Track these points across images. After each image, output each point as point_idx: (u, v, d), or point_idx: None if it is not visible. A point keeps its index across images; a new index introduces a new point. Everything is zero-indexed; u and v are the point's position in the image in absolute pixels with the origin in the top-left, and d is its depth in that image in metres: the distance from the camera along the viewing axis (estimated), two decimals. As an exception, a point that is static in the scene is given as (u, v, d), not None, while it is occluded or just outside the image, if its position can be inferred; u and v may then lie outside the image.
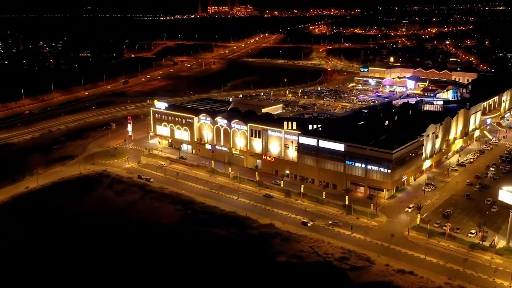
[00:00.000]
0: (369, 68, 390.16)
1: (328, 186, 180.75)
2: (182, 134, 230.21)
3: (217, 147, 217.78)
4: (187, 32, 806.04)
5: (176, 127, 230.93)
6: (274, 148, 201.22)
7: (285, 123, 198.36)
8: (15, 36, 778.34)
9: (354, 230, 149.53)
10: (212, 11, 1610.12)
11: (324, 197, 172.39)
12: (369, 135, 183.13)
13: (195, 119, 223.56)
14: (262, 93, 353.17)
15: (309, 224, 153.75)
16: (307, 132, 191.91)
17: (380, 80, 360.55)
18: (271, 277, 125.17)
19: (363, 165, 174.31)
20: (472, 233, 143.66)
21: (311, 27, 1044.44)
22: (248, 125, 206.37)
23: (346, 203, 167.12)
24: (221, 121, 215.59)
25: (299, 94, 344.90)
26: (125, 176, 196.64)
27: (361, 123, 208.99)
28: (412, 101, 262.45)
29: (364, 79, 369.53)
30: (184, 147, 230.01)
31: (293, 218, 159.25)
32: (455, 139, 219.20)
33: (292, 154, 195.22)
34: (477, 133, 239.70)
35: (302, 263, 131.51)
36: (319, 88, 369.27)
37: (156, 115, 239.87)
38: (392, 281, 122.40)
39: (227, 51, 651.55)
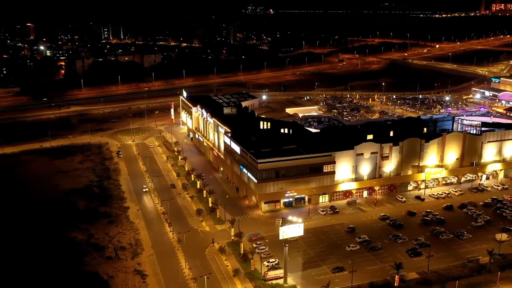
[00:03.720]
0: (501, 78, 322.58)
1: (238, 190, 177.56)
2: (189, 122, 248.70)
3: (197, 136, 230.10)
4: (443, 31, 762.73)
5: (188, 116, 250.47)
6: (222, 145, 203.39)
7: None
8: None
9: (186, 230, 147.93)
10: (497, 8, 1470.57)
11: (210, 200, 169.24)
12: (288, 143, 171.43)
13: (193, 109, 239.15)
14: (348, 95, 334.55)
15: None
16: (233, 133, 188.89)
17: (497, 94, 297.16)
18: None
19: (246, 172, 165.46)
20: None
21: None
22: (213, 119, 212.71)
23: (209, 205, 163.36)
24: (204, 113, 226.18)
25: (384, 100, 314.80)
26: (114, 151, 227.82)
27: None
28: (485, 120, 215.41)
29: (481, 90, 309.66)
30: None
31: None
32: (440, 166, 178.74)
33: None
34: (494, 167, 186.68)
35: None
36: (427, 96, 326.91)
37: (182, 103, 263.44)
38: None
39: (424, 51, 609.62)
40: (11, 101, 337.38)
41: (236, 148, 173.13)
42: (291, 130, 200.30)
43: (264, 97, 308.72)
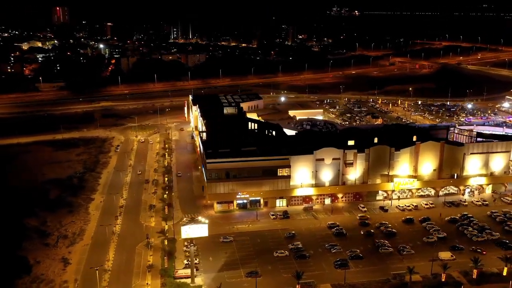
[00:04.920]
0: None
1: (203, 188, 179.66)
2: (192, 121, 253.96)
3: (194, 134, 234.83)
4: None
5: (193, 114, 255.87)
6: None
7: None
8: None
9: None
10: None
11: (166, 197, 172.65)
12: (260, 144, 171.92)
13: (193, 108, 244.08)
14: (372, 100, 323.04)
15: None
16: (209, 132, 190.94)
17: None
18: None
19: (203, 171, 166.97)
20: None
21: None
22: (200, 118, 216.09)
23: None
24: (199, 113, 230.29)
25: (406, 106, 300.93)
26: (115, 145, 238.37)
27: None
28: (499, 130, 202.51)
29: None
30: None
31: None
32: (414, 177, 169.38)
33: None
34: (477, 181, 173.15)
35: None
36: (458, 103, 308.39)
37: (189, 103, 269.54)
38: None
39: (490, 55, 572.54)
40: (52, 95, 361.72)
41: (201, 147, 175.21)
42: (274, 132, 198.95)
43: (282, 98, 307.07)
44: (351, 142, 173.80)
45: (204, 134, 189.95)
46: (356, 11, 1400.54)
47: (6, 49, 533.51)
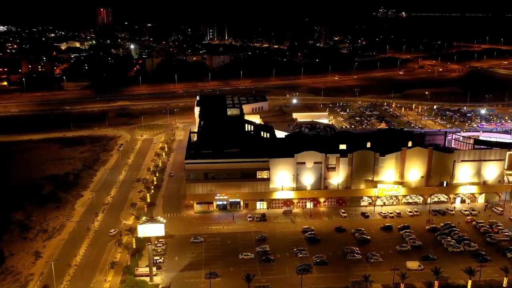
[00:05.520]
0: None
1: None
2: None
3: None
4: None
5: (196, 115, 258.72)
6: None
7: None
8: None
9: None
10: None
11: (148, 196, 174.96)
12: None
13: (195, 109, 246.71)
14: (385, 103, 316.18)
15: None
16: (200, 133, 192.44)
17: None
18: None
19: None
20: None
21: None
22: (198, 118, 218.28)
23: (148, 200, 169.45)
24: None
25: (420, 110, 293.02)
26: (119, 144, 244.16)
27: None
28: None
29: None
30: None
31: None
32: (400, 183, 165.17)
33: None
34: (468, 189, 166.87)
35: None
36: (477, 108, 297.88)
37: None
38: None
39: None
40: (75, 94, 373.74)
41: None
42: (267, 134, 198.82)
43: (294, 100, 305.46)
44: (342, 146, 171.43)
45: (195, 134, 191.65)
46: (403, 13, 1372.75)
47: (45, 49, 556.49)
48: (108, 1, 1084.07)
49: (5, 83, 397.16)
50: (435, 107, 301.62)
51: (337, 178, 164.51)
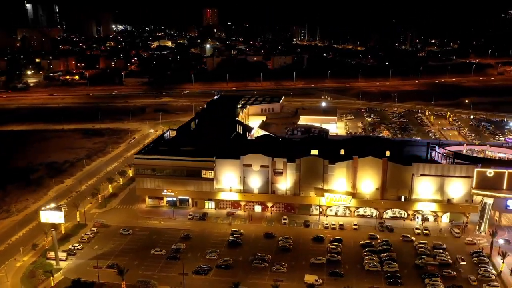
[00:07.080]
0: None
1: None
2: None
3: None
4: None
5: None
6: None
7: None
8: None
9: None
10: None
11: (110, 187, 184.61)
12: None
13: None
14: (419, 111, 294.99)
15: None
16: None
17: None
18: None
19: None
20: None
21: None
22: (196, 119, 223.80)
23: (110, 191, 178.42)
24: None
25: (452, 120, 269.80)
26: (132, 137, 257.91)
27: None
28: None
29: None
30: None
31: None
32: (352, 194, 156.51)
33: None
34: (426, 207, 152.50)
35: None
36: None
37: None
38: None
39: None
40: (132, 89, 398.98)
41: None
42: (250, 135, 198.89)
43: (323, 104, 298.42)
44: (314, 151, 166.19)
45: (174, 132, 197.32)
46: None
47: (137, 47, 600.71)
48: (215, 1, 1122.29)
49: (77, 77, 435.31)
50: (471, 116, 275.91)
51: (284, 183, 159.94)
